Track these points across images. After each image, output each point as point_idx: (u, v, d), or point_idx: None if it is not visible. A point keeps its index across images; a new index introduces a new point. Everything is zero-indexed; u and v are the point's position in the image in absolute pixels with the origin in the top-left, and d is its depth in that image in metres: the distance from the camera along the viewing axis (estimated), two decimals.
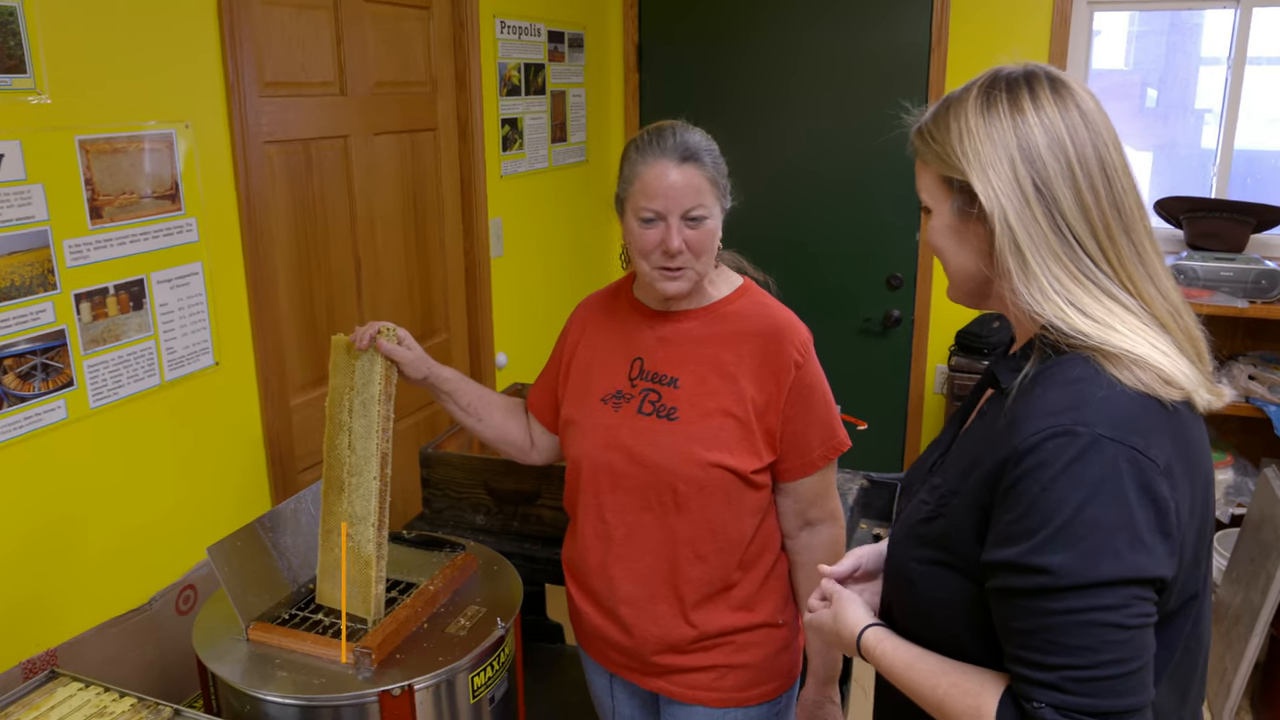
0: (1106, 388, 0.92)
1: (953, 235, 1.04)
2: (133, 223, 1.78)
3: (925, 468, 1.14)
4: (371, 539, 1.61)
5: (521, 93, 3.08)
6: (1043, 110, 0.98)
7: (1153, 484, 0.88)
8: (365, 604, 1.62)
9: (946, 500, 1.02)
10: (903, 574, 1.07)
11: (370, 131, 2.46)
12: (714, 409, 1.53)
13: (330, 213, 2.35)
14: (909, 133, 1.08)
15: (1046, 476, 0.89)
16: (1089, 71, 3.37)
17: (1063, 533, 0.88)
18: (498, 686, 1.62)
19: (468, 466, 2.08)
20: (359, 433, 1.63)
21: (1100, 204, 0.96)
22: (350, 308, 2.44)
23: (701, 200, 1.49)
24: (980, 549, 0.96)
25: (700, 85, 3.71)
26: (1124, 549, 0.87)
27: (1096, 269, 0.96)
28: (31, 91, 1.59)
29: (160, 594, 1.88)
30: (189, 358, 1.93)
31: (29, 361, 1.62)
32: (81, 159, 1.68)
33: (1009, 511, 0.92)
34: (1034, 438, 0.90)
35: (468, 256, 2.93)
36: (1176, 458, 0.92)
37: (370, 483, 1.61)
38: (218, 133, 1.96)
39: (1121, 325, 0.94)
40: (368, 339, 1.60)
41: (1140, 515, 0.87)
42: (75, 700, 1.46)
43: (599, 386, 1.63)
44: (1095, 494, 0.87)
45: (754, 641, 1.59)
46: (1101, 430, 0.88)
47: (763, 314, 1.57)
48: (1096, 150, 0.97)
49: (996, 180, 0.97)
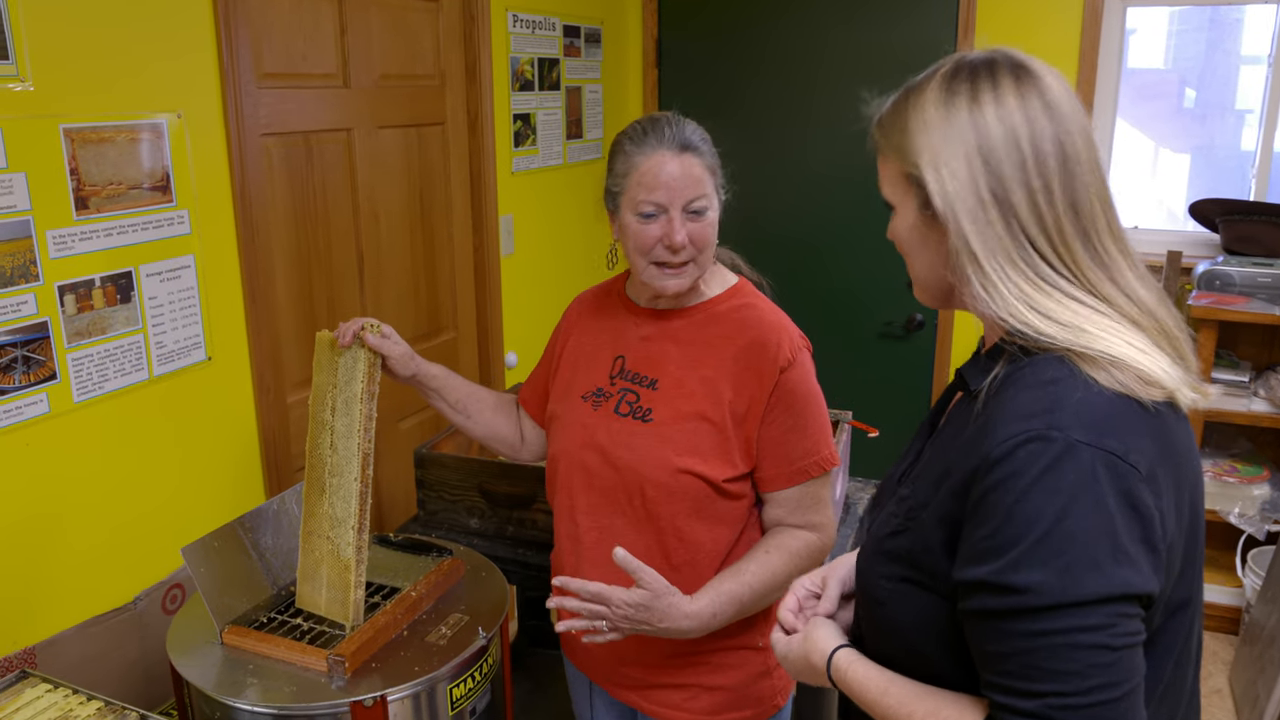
0: (1083, 389, 0.85)
1: (916, 235, 0.97)
2: (121, 214, 1.75)
3: (894, 478, 1.06)
4: (351, 542, 1.56)
5: (535, 88, 3.02)
6: (1003, 102, 0.91)
7: (1134, 491, 0.81)
8: (344, 609, 1.57)
9: (915, 514, 0.94)
10: (871, 593, 0.99)
11: (375, 125, 2.42)
12: (689, 412, 1.46)
13: (332, 207, 2.31)
14: (868, 126, 1.01)
15: (1019, 486, 0.82)
16: (1122, 70, 3.26)
17: (1039, 547, 0.80)
18: (479, 698, 1.56)
19: (462, 468, 2.03)
20: (341, 432, 1.58)
21: (1054, 205, 0.89)
22: (352, 303, 2.40)
23: (703, 190, 1.43)
24: (951, 565, 0.88)
25: (720, 81, 3.64)
26: (1107, 563, 0.80)
27: (1054, 273, 0.90)
28: (14, 78, 1.56)
29: (145, 593, 1.84)
30: (180, 352, 1.89)
31: (9, 354, 1.59)
32: (66, 148, 1.64)
33: (980, 526, 0.84)
34: (1005, 444, 0.83)
35: (477, 254, 2.88)
36: (1160, 462, 0.85)
37: (351, 484, 1.56)
38: (212, 123, 1.92)
39: (1092, 326, 0.88)
40: (350, 335, 1.55)
41: (1123, 526, 0.80)
42: (42, 702, 1.42)
43: (581, 383, 1.57)
44: (1073, 503, 0.80)
45: (731, 663, 1.52)
46: (1077, 435, 0.82)
47: (751, 316, 1.49)
48: (1058, 143, 0.90)
49: (951, 181, 0.90)
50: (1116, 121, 3.30)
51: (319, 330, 1.64)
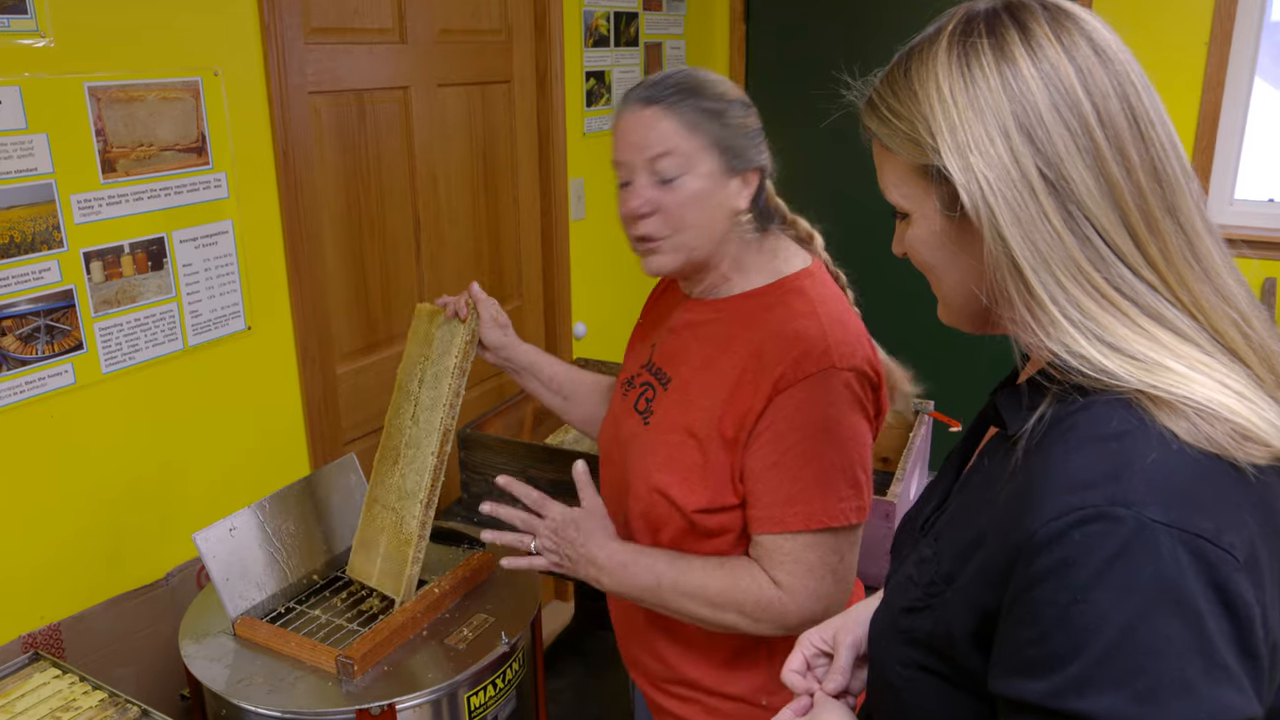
0: (1158, 448, 0.64)
1: (943, 245, 0.75)
2: (152, 177, 1.67)
3: (917, 524, 0.86)
4: (417, 516, 1.49)
5: (610, 44, 2.86)
6: (1041, 54, 0.69)
7: (1229, 584, 0.61)
8: (396, 583, 1.50)
9: (938, 589, 0.74)
10: (884, 677, 0.80)
11: (434, 83, 2.30)
12: (679, 423, 1.24)
13: (386, 170, 2.20)
14: (856, 112, 0.79)
15: (1078, 581, 0.61)
16: (1265, 23, 2.90)
17: (1109, 664, 0.60)
18: (501, 706, 1.46)
19: (508, 451, 1.92)
20: (425, 404, 1.52)
21: (1135, 177, 0.68)
22: (408, 271, 2.30)
23: (668, 148, 1.17)
24: (983, 662, 0.69)
25: (818, 41, 3.39)
26: (1200, 682, 0.59)
27: (1136, 278, 0.68)
28: (33, 34, 1.48)
29: (178, 569, 1.79)
30: (217, 322, 1.82)
31: (31, 323, 1.53)
32: (92, 108, 1.56)
33: (1027, 627, 0.64)
34: (1056, 523, 0.63)
35: (544, 218, 2.75)
36: (1263, 543, 0.64)
37: (427, 458, 1.50)
38: (253, 81, 1.83)
39: (1175, 361, 0.66)
40: (463, 306, 1.47)
41: (1216, 631, 0.60)
42: (47, 689, 1.37)
43: (629, 366, 1.43)
44: (1150, 606, 0.60)
45: (726, 713, 1.30)
46: (1153, 513, 0.61)
47: (778, 317, 1.20)
48: (1124, 99, 0.68)
49: (985, 167, 0.68)
50: (1255, 82, 2.95)
51: (419, 303, 1.56)
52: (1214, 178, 2.95)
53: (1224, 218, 2.98)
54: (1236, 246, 0.75)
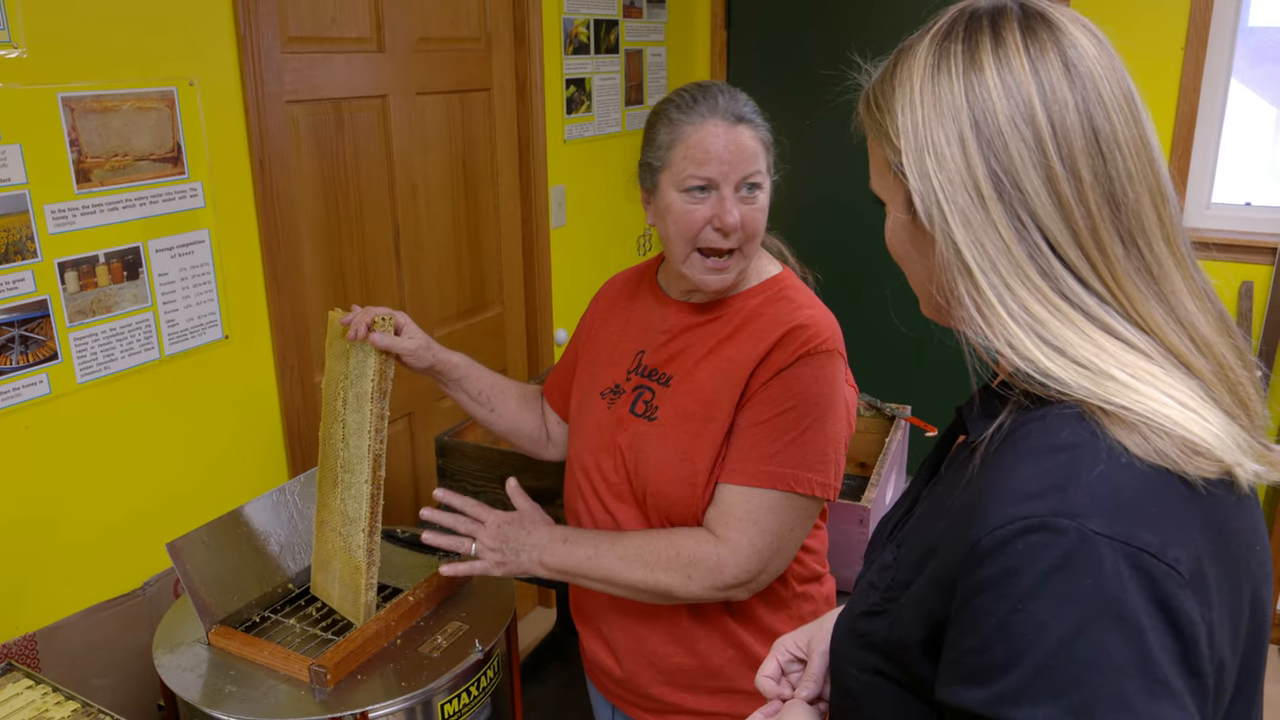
0: (1106, 460, 0.63)
1: (906, 239, 0.76)
2: (126, 187, 1.67)
3: (887, 529, 0.87)
4: (362, 545, 1.46)
5: (590, 51, 2.87)
6: (1006, 65, 0.69)
7: (1173, 600, 0.60)
8: (355, 610, 1.49)
9: (894, 594, 0.75)
10: (840, 680, 0.81)
11: (413, 91, 2.30)
12: (693, 411, 1.30)
13: (365, 179, 2.21)
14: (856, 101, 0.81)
15: (1018, 591, 0.61)
16: (1240, 27, 2.93)
17: (1045, 675, 0.60)
18: (476, 714, 1.46)
19: (485, 458, 1.92)
20: (352, 428, 1.48)
21: (1086, 197, 0.67)
22: (388, 278, 2.31)
23: (758, 166, 1.29)
24: (932, 669, 0.69)
25: (800, 48, 3.41)
26: (1138, 698, 0.58)
27: (1081, 288, 0.68)
28: (6, 44, 1.48)
29: (155, 578, 1.79)
30: (193, 331, 1.82)
31: (5, 333, 1.53)
32: (66, 118, 1.57)
33: (969, 635, 0.64)
34: (1000, 532, 0.62)
35: (525, 225, 2.76)
36: (1212, 560, 0.64)
37: (362, 485, 1.46)
38: (229, 91, 1.83)
39: (1121, 370, 0.66)
40: (362, 330, 1.42)
41: (1158, 647, 0.59)
42: (19, 700, 1.37)
43: (602, 379, 1.44)
44: (1090, 619, 0.59)
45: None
46: (1096, 525, 0.60)
47: (783, 316, 1.31)
48: (1086, 116, 0.68)
49: (937, 171, 0.69)
50: (1231, 84, 2.98)
51: (331, 309, 1.53)
52: (1191, 181, 2.98)
53: (1201, 221, 3.00)
54: (1209, 251, 0.75)
